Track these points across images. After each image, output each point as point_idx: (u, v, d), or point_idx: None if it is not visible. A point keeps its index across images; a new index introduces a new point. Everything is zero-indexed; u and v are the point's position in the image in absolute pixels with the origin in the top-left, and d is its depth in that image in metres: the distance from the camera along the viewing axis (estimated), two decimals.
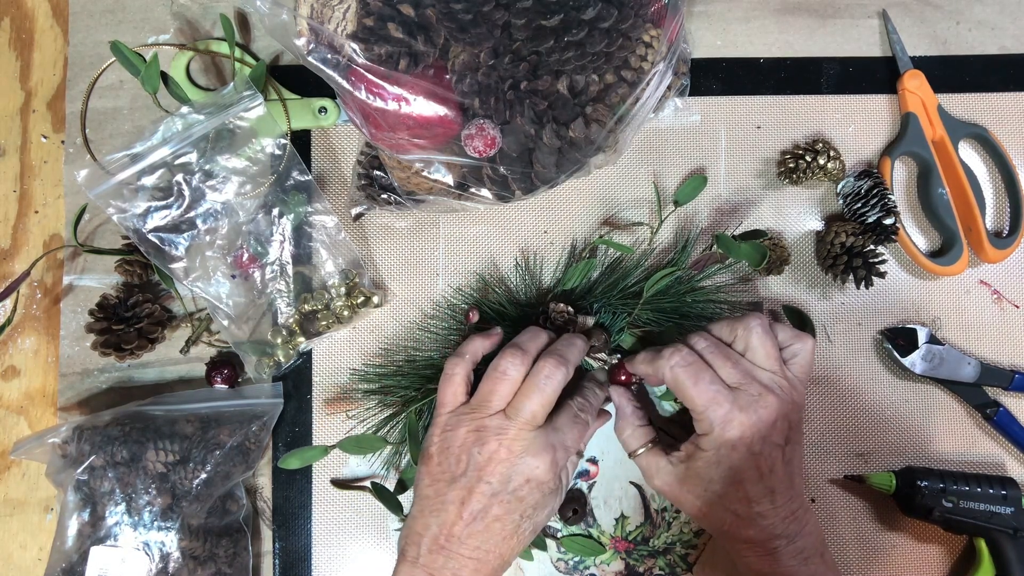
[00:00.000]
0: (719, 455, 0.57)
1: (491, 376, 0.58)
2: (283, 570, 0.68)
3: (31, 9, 0.71)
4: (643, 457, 0.62)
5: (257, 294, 0.67)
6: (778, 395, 0.57)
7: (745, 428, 0.56)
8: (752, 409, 0.56)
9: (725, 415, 0.56)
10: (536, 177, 0.60)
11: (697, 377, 0.57)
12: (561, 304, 0.64)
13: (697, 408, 0.57)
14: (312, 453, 0.66)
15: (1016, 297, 0.70)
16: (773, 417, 0.57)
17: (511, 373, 0.57)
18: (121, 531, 0.61)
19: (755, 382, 0.57)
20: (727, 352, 0.59)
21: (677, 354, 0.58)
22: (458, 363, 0.60)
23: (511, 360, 0.58)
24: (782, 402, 0.57)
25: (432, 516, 0.57)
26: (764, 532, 0.57)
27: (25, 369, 0.69)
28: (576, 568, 0.69)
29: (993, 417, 0.68)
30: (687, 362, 0.58)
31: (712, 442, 0.57)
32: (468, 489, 0.56)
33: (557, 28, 0.55)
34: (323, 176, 0.70)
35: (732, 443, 0.56)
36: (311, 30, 0.56)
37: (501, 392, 0.57)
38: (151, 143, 0.64)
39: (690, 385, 0.57)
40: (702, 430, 0.57)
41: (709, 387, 0.57)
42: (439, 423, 0.59)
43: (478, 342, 0.61)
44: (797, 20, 0.72)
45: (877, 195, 0.66)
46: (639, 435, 0.63)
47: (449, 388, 0.59)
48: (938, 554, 0.69)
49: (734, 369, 0.58)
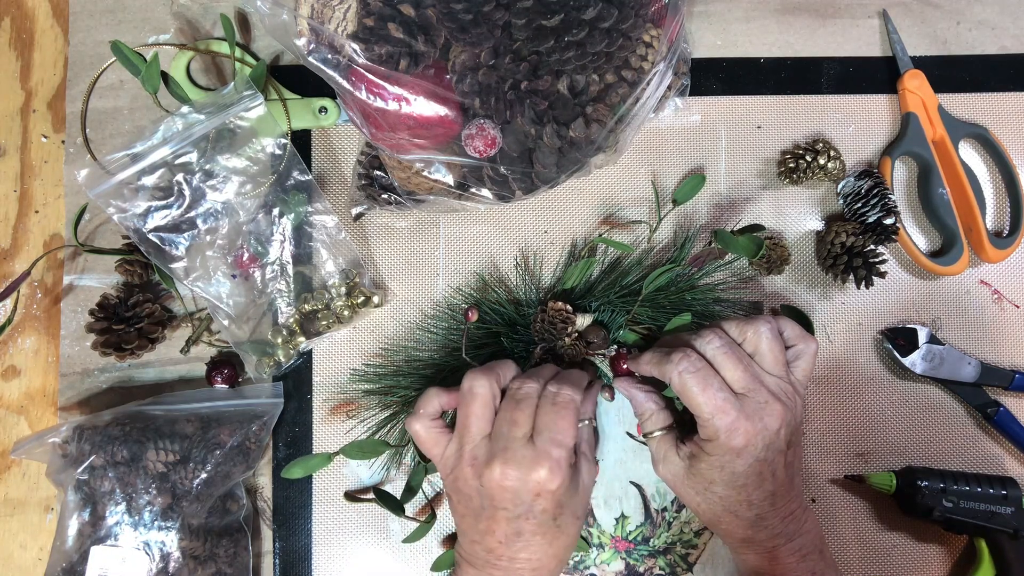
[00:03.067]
0: (722, 460, 0.56)
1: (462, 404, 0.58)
2: (283, 570, 0.68)
3: (31, 9, 0.71)
4: (656, 441, 0.62)
5: (257, 294, 0.67)
6: (784, 402, 0.57)
7: (751, 436, 0.56)
8: (758, 417, 0.56)
9: (731, 423, 0.55)
10: (536, 177, 0.60)
11: (705, 384, 0.56)
12: (560, 303, 0.64)
13: (703, 415, 0.56)
14: (315, 462, 0.66)
15: (1016, 297, 0.70)
16: (778, 425, 0.57)
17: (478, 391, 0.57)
18: (121, 531, 0.61)
19: (763, 388, 0.57)
20: (740, 354, 0.58)
21: (685, 359, 0.57)
22: (414, 421, 0.59)
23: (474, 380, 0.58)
24: (787, 409, 0.57)
25: (476, 544, 0.58)
26: (764, 532, 0.57)
27: (25, 369, 0.69)
28: (576, 568, 0.69)
29: (993, 417, 0.68)
30: (695, 368, 0.57)
31: (716, 448, 0.56)
32: (491, 519, 0.56)
33: (557, 28, 0.55)
34: (323, 176, 0.70)
35: (737, 450, 0.56)
36: (311, 30, 0.56)
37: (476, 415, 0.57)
38: (151, 143, 0.64)
39: (697, 392, 0.56)
40: (706, 436, 0.57)
41: (717, 394, 0.56)
42: (441, 468, 0.59)
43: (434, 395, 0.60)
44: (797, 20, 0.72)
45: (877, 195, 0.66)
46: (656, 419, 0.62)
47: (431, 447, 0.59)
48: (938, 554, 0.69)
49: (744, 373, 0.57)
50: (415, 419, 0.59)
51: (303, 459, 0.66)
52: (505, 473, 0.55)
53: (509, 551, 0.56)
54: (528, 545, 0.56)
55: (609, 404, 0.69)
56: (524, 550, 0.56)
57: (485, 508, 0.56)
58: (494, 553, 0.56)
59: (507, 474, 0.55)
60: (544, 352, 0.65)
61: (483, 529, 0.57)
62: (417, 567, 0.69)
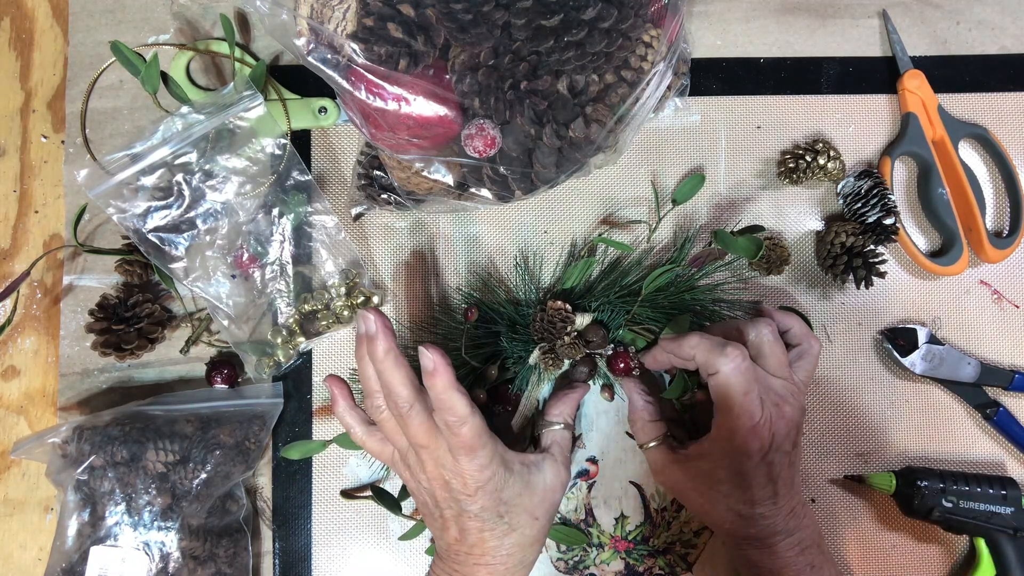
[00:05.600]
0: (731, 461, 0.57)
1: None
2: (283, 570, 0.68)
3: (31, 9, 0.71)
4: (652, 451, 0.62)
5: (257, 294, 0.67)
6: (791, 404, 0.58)
7: (764, 441, 0.56)
8: (772, 422, 0.57)
9: (751, 427, 0.56)
10: (536, 177, 0.60)
11: (749, 387, 0.56)
12: (559, 302, 0.64)
13: (731, 414, 0.56)
14: (312, 446, 0.67)
15: (1016, 297, 0.70)
16: (788, 428, 0.57)
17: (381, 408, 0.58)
18: (121, 531, 0.61)
19: (772, 392, 0.57)
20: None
21: (740, 356, 0.56)
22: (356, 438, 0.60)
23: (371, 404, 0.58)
24: (795, 411, 0.58)
25: (439, 540, 0.60)
26: (765, 530, 0.58)
27: (25, 369, 0.69)
28: (576, 568, 0.69)
29: (993, 417, 0.68)
30: (746, 368, 0.56)
31: (729, 448, 0.57)
32: (441, 518, 0.58)
33: (557, 28, 0.55)
34: (323, 176, 0.70)
35: (748, 453, 0.56)
36: (311, 30, 0.56)
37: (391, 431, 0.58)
38: (151, 143, 0.64)
39: (740, 392, 0.55)
40: (721, 436, 0.57)
41: (755, 399, 0.56)
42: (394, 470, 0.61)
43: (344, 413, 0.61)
44: (797, 20, 0.72)
45: (877, 195, 0.66)
46: (650, 429, 0.63)
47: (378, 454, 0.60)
48: (938, 554, 0.69)
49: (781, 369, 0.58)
50: (356, 437, 0.60)
51: (301, 443, 0.67)
52: (431, 474, 0.56)
53: (464, 547, 0.57)
54: (481, 542, 0.57)
55: (609, 404, 0.69)
56: (477, 546, 0.57)
57: (431, 510, 0.58)
58: (452, 549, 0.58)
59: (431, 473, 0.56)
60: (544, 352, 0.65)
61: (439, 527, 0.58)
62: (416, 567, 0.69)
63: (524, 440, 0.68)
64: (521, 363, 0.66)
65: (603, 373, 0.68)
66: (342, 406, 0.60)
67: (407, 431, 0.56)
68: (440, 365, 0.53)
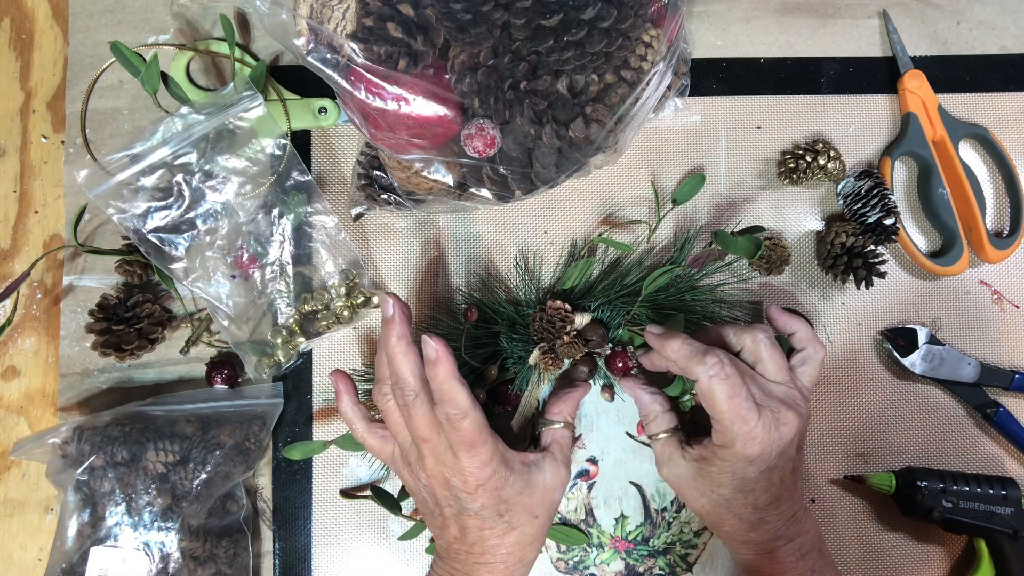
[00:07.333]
0: (734, 466, 0.56)
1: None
2: (283, 570, 0.68)
3: (31, 9, 0.71)
4: (660, 443, 0.62)
5: (257, 294, 0.67)
6: (796, 410, 0.57)
7: (766, 446, 0.55)
8: (774, 427, 0.56)
9: (749, 432, 0.55)
10: (536, 177, 0.60)
11: (733, 392, 0.55)
12: (559, 301, 0.64)
13: (723, 421, 0.55)
14: (313, 447, 0.67)
15: (1016, 297, 0.70)
16: (792, 434, 0.56)
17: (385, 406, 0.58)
18: (121, 531, 0.61)
19: (773, 398, 0.57)
20: (750, 372, 0.58)
21: (719, 364, 0.55)
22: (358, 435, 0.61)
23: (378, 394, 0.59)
24: (800, 417, 0.57)
25: (439, 539, 0.60)
26: (766, 534, 0.58)
27: (25, 369, 0.69)
28: (576, 568, 0.69)
29: (993, 417, 0.68)
30: (727, 375, 0.55)
31: (730, 455, 0.56)
32: (441, 516, 0.58)
33: (557, 28, 0.55)
34: (323, 176, 0.70)
35: (751, 458, 0.56)
36: (311, 30, 0.56)
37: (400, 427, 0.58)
38: (151, 143, 0.64)
39: (723, 399, 0.55)
40: (722, 442, 0.56)
41: (743, 403, 0.55)
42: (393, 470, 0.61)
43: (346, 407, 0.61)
44: (797, 20, 0.72)
45: (877, 195, 0.66)
46: (662, 421, 0.63)
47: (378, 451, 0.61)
48: (938, 554, 0.69)
49: (754, 386, 0.57)
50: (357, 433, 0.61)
51: (302, 443, 0.67)
52: (432, 472, 0.56)
53: (464, 546, 0.57)
54: (481, 540, 0.57)
55: (609, 404, 0.69)
56: (477, 545, 0.57)
57: (431, 509, 0.58)
58: (452, 548, 0.58)
59: (433, 472, 0.56)
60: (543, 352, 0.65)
61: (438, 526, 0.58)
62: (416, 567, 0.69)
63: (524, 440, 0.68)
64: (521, 363, 0.66)
65: (603, 373, 0.68)
66: (346, 401, 0.61)
67: (410, 423, 0.56)
68: (442, 354, 0.53)
